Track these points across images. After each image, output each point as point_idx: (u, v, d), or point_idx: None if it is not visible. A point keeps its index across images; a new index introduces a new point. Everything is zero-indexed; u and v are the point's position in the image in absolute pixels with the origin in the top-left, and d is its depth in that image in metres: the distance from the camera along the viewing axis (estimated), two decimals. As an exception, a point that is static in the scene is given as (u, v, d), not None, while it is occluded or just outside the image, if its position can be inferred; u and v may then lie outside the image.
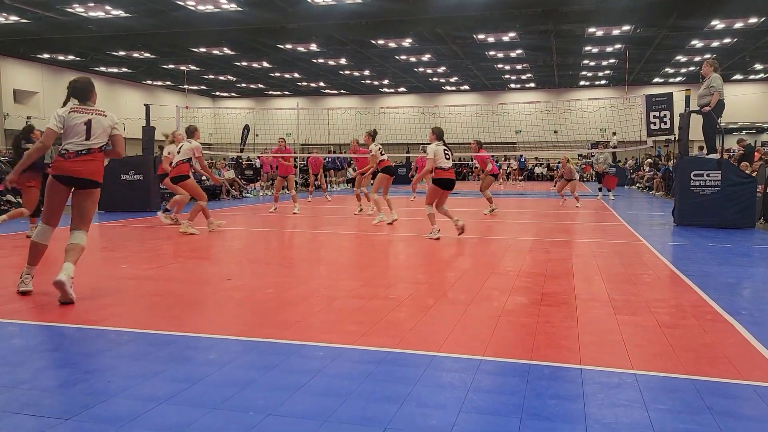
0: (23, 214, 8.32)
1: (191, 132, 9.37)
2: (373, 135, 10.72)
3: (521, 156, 34.58)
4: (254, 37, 24.03)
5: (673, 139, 15.41)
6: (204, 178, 18.08)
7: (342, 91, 40.51)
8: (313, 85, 37.58)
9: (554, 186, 19.22)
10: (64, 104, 4.90)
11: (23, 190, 8.17)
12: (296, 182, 21.62)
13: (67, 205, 4.96)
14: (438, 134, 8.45)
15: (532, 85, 37.43)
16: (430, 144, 8.43)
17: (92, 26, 21.66)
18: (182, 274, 5.83)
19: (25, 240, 8.28)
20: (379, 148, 10.64)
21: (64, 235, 5.04)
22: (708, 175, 9.70)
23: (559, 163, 18.53)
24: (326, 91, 40.15)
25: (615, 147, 24.43)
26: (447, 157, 8.29)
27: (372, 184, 11.38)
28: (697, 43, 25.03)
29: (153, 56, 28.36)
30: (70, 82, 4.98)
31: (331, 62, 29.63)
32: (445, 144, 8.39)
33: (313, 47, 26.00)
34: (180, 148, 9.22)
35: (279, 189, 13.29)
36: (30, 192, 8.06)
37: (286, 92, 40.95)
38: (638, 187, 24.54)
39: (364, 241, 8.54)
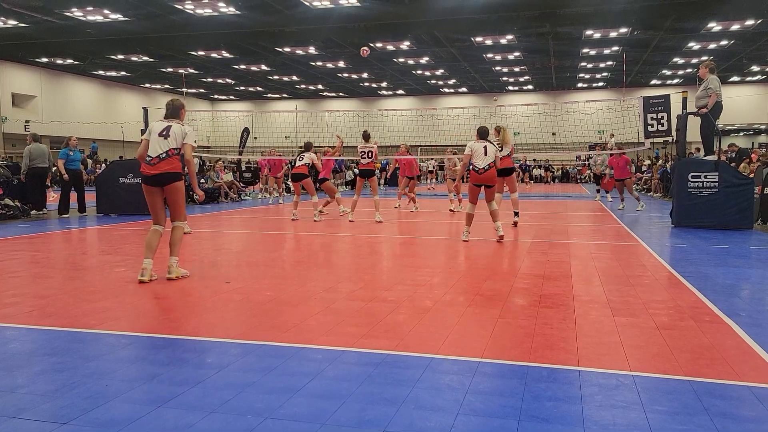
0: None
1: None
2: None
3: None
4: (253, 41, 24.07)
5: (670, 141, 15.44)
6: (202, 180, 18.06)
7: (340, 94, 40.56)
8: (311, 87, 37.62)
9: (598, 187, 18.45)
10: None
11: None
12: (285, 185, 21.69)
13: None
14: (480, 133, 8.25)
15: (530, 87, 37.51)
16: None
17: (90, 30, 21.67)
18: (180, 278, 5.82)
19: (20, 245, 8.28)
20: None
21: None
22: (705, 177, 9.72)
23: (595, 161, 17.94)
24: (325, 93, 40.20)
25: (612, 149, 24.45)
26: (486, 154, 8.05)
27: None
28: (694, 45, 25.11)
29: (151, 60, 28.38)
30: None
31: (330, 65, 29.68)
32: (489, 141, 8.19)
33: (312, 50, 26.04)
34: None
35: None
36: None
37: (285, 95, 41.00)
38: (636, 189, 24.56)
39: (363, 243, 8.54)
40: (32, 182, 12.49)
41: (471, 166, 8.17)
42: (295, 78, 33.81)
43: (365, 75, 32.76)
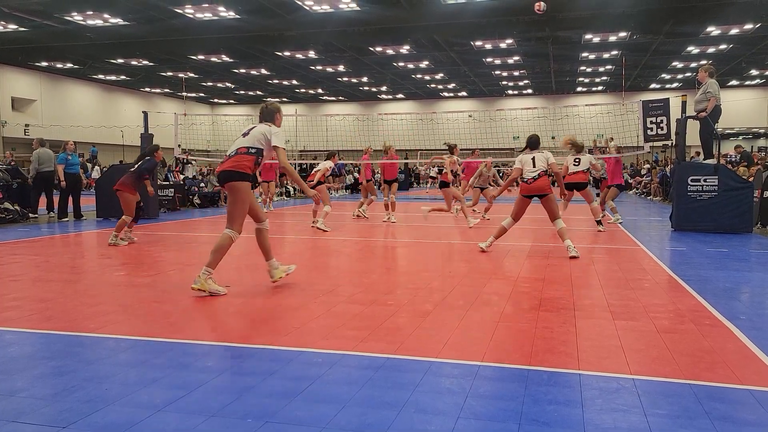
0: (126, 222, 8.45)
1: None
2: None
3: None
4: (252, 45, 24.11)
5: (670, 145, 15.44)
6: (202, 184, 18.08)
7: (340, 98, 40.63)
8: (311, 91, 37.69)
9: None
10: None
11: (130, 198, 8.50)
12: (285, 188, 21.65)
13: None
14: (531, 144, 7.65)
15: (530, 91, 37.58)
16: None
17: (90, 34, 21.72)
18: (179, 281, 5.82)
19: (20, 249, 8.27)
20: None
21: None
22: (705, 181, 9.73)
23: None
24: (324, 97, 40.27)
25: (612, 153, 24.46)
26: (534, 165, 7.43)
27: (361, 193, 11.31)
28: (694, 49, 25.18)
29: (151, 64, 28.43)
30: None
31: (330, 69, 29.73)
32: (538, 151, 7.56)
33: (312, 54, 26.09)
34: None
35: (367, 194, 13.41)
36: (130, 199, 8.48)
37: (285, 99, 41.05)
38: (636, 193, 24.59)
39: (364, 247, 8.54)
40: (38, 186, 12.54)
41: (520, 179, 7.63)
42: (294, 82, 33.86)
43: (365, 79, 32.82)
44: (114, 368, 3.24)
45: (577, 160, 10.40)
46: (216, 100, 42.36)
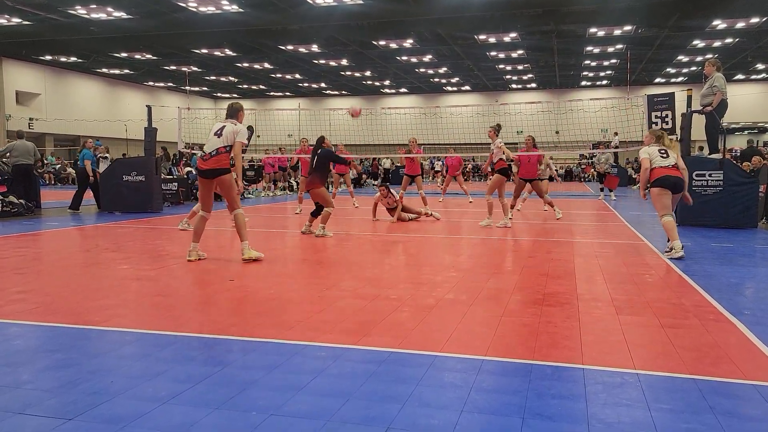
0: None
1: None
2: (497, 130, 9.97)
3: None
4: (255, 39, 24.07)
5: (675, 139, 15.37)
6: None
7: (343, 92, 40.55)
8: (314, 86, 37.62)
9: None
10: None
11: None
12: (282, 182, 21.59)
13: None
14: (654, 135, 7.19)
15: (534, 85, 37.43)
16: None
17: (94, 28, 21.71)
18: (184, 275, 5.84)
19: (25, 242, 8.32)
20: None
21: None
22: (710, 175, 9.69)
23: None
24: (327, 92, 40.19)
25: (617, 147, 24.41)
26: (663, 156, 6.90)
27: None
28: (699, 43, 25.02)
29: (154, 58, 28.40)
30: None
31: (333, 63, 29.66)
32: (663, 144, 7.06)
33: (315, 48, 26.02)
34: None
35: (405, 187, 12.56)
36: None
37: (288, 93, 41.01)
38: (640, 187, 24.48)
39: (365, 242, 8.55)
40: (17, 179, 12.51)
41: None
42: (298, 76, 33.80)
43: (368, 73, 32.73)
44: (118, 361, 3.25)
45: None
46: (219, 95, 42.33)
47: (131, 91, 36.62)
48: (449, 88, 38.73)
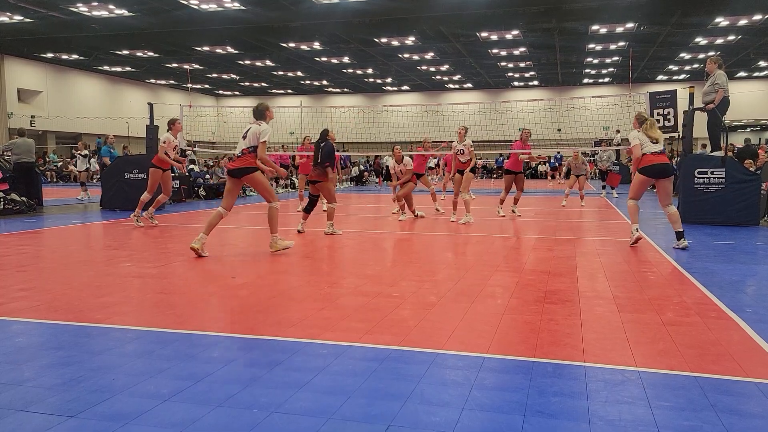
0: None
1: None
2: (466, 130, 10.43)
3: (557, 153, 30.37)
4: (257, 36, 24.06)
5: (677, 137, 15.35)
6: (208, 176, 18.12)
7: (345, 90, 40.52)
8: (316, 83, 37.59)
9: (559, 182, 18.64)
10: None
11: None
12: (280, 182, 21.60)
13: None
14: (641, 120, 7.31)
15: (536, 83, 37.37)
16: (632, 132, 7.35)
17: (96, 25, 21.72)
18: (186, 272, 5.84)
19: (30, 240, 8.33)
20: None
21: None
22: (712, 173, 9.67)
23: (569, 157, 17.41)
24: (329, 89, 40.16)
25: (618, 145, 24.38)
26: (653, 141, 7.09)
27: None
28: (701, 41, 24.96)
29: (156, 55, 28.41)
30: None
31: (335, 60, 29.63)
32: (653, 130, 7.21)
33: (317, 46, 26.00)
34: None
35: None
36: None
37: (290, 91, 40.98)
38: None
39: (367, 240, 8.55)
40: (18, 176, 12.53)
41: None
42: (299, 74, 33.77)
43: (370, 71, 32.69)
44: (121, 359, 3.26)
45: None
46: (221, 92, 42.32)
47: (133, 88, 36.63)
48: (451, 86, 38.67)
